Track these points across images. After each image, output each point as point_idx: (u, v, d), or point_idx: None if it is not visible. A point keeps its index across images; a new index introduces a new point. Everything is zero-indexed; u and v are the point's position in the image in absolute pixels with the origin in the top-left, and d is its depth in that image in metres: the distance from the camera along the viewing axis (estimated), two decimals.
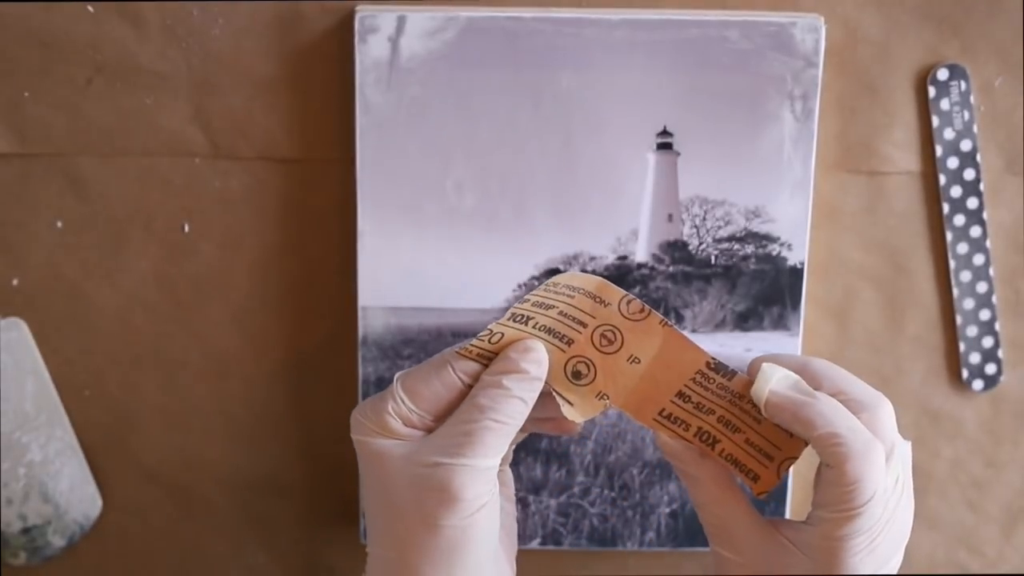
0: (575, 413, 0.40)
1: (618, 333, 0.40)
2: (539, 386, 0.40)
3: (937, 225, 0.54)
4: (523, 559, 0.57)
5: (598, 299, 0.40)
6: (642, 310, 0.40)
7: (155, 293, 0.54)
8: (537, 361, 0.39)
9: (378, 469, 0.40)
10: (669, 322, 0.40)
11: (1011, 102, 0.53)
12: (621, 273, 0.53)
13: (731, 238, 0.53)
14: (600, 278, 0.41)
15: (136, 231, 0.54)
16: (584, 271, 0.53)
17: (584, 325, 0.40)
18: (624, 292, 0.41)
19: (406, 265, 0.53)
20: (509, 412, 0.39)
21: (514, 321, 0.40)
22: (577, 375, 0.40)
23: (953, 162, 0.53)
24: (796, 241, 0.53)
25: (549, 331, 0.40)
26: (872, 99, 0.53)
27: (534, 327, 0.40)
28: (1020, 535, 0.57)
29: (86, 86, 0.52)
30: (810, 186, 0.52)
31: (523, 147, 0.52)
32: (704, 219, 0.53)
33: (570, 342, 0.40)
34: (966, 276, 0.54)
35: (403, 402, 0.40)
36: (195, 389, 0.55)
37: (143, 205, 0.53)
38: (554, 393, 0.40)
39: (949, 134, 0.53)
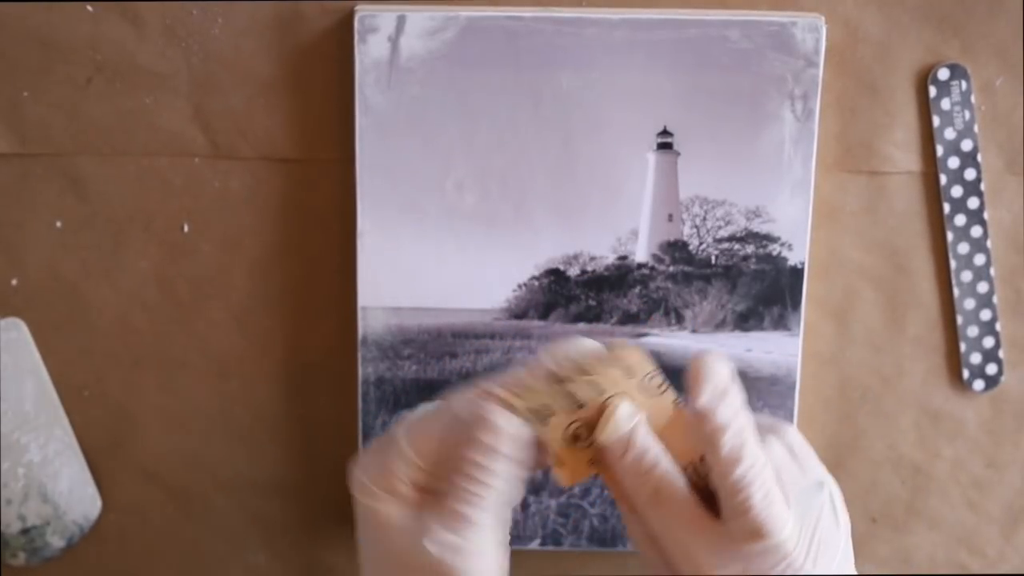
0: (564, 477, 0.39)
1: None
2: (510, 458, 0.39)
3: (938, 225, 0.54)
4: (523, 559, 0.57)
5: (627, 369, 0.39)
6: (660, 386, 0.39)
7: (155, 293, 0.54)
8: (494, 432, 0.38)
9: (386, 541, 0.39)
10: (681, 404, 0.39)
11: (1012, 102, 0.53)
12: (621, 273, 0.53)
13: (731, 238, 0.53)
14: (641, 351, 0.39)
15: (136, 231, 0.54)
16: (584, 272, 0.53)
17: (602, 392, 0.39)
18: (652, 368, 0.39)
19: (406, 265, 0.53)
20: (498, 486, 0.39)
21: (547, 382, 0.39)
22: (575, 438, 0.39)
23: (954, 162, 0.53)
24: (796, 241, 0.53)
25: (569, 395, 0.38)
26: (873, 99, 0.53)
27: (558, 393, 0.38)
28: (1021, 535, 0.57)
29: (86, 86, 0.52)
30: (810, 186, 0.52)
31: (523, 147, 0.52)
32: (704, 219, 0.53)
33: (580, 406, 0.39)
34: (967, 276, 0.54)
35: (413, 462, 0.39)
36: (195, 389, 0.55)
37: (143, 205, 0.53)
38: (549, 453, 0.39)
39: (950, 134, 0.53)
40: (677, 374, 0.54)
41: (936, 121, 0.53)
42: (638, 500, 0.39)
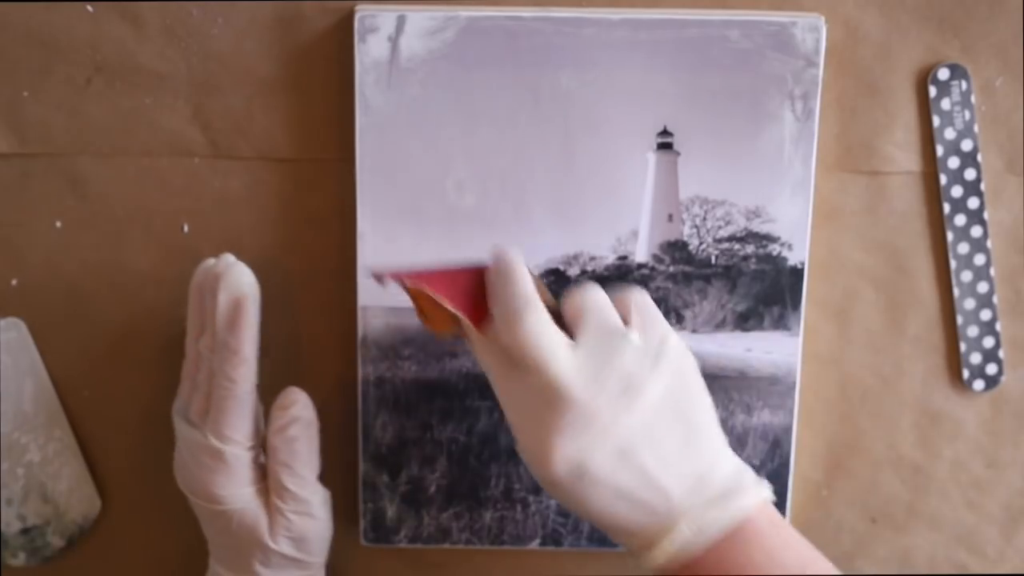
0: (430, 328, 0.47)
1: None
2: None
3: (938, 225, 0.54)
4: (523, 559, 0.57)
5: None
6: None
7: (155, 293, 0.54)
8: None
9: None
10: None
11: (1012, 102, 0.53)
12: (621, 273, 0.53)
13: (731, 238, 0.53)
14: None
15: (136, 231, 0.54)
16: (584, 271, 0.53)
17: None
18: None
19: (406, 265, 0.53)
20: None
21: None
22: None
23: (954, 162, 0.53)
24: (796, 241, 0.53)
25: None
26: (873, 99, 0.53)
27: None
28: (1021, 536, 0.57)
29: (86, 86, 0.52)
30: (811, 186, 0.52)
31: (523, 147, 0.52)
32: (704, 219, 0.53)
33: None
34: (967, 276, 0.54)
35: None
36: None
37: (143, 205, 0.54)
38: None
39: (950, 134, 0.53)
40: None
41: (936, 121, 0.53)
42: (483, 363, 0.45)
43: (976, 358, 0.55)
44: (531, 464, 0.43)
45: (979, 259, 0.54)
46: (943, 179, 0.53)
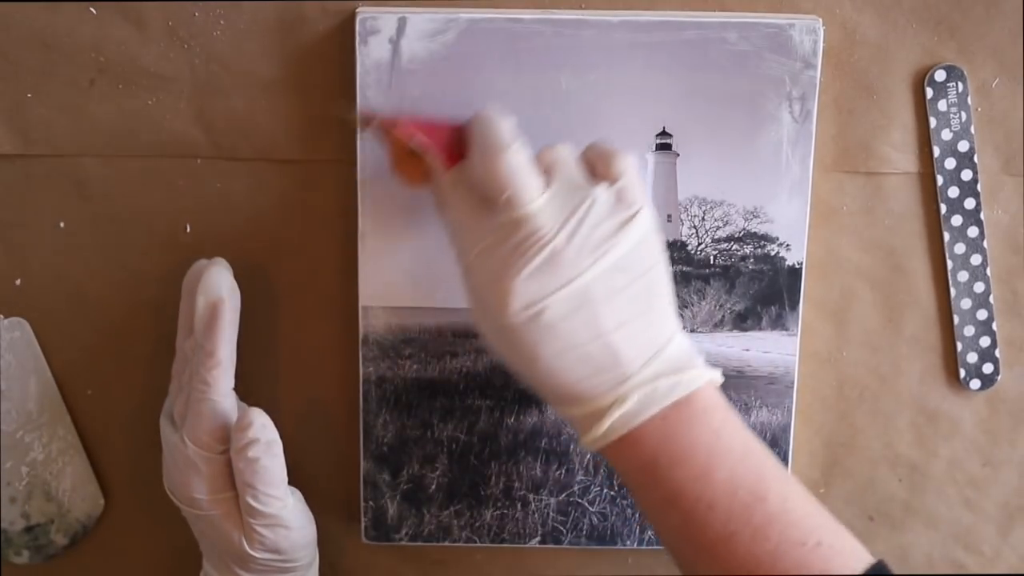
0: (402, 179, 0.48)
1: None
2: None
3: (935, 225, 0.54)
4: (523, 557, 0.58)
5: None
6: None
7: (157, 293, 0.54)
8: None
9: None
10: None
11: (1008, 103, 0.53)
12: None
13: (730, 238, 0.53)
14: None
15: (138, 231, 0.54)
16: None
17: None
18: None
19: (407, 265, 0.53)
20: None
21: None
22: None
23: (951, 163, 0.53)
24: (794, 241, 0.53)
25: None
26: (870, 100, 0.53)
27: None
28: (1017, 534, 0.58)
29: (89, 87, 0.52)
30: (808, 187, 0.53)
31: None
32: (703, 219, 0.53)
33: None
34: (963, 276, 0.55)
35: None
36: None
37: (145, 206, 0.54)
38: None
39: (946, 135, 0.53)
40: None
41: (933, 122, 0.53)
42: (448, 203, 0.45)
43: (973, 357, 0.55)
44: (484, 309, 0.43)
45: (976, 259, 0.54)
46: (940, 180, 0.54)
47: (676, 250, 0.54)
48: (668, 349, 0.43)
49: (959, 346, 0.55)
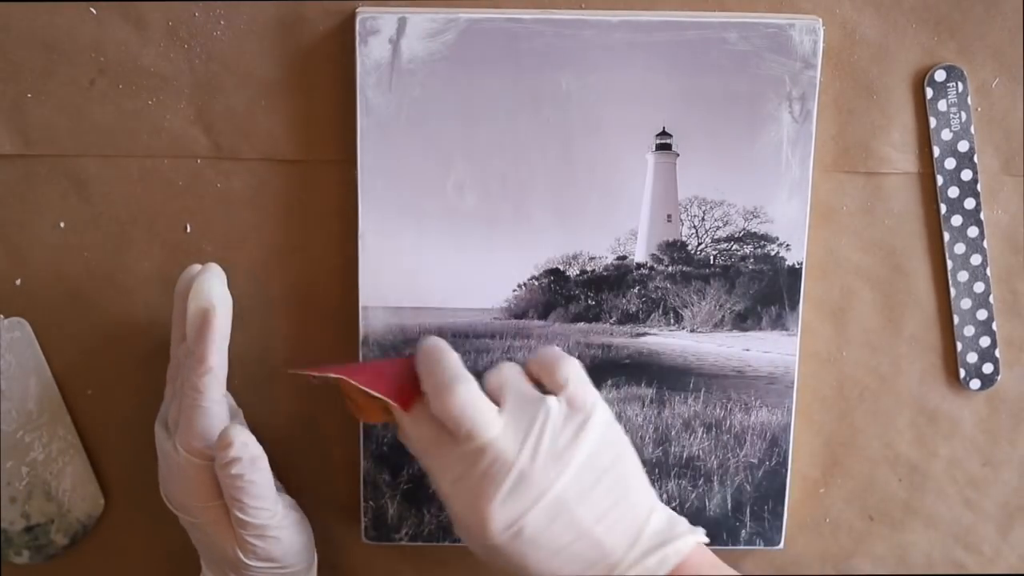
0: (360, 417, 0.49)
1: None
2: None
3: (935, 225, 0.54)
4: None
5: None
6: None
7: (158, 293, 0.54)
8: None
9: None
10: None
11: (1008, 103, 0.53)
12: (620, 273, 0.54)
13: (730, 238, 0.53)
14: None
15: (138, 232, 0.54)
16: (584, 271, 0.53)
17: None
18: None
19: (407, 265, 0.53)
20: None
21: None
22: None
23: (950, 163, 0.53)
24: (794, 241, 0.53)
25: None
26: (870, 100, 0.53)
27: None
28: (1017, 533, 0.58)
29: (89, 87, 0.52)
30: (808, 187, 0.53)
31: (523, 148, 0.52)
32: (703, 219, 0.53)
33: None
34: (963, 276, 0.55)
35: None
36: None
37: (145, 206, 0.54)
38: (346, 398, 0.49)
39: (946, 135, 0.53)
40: (675, 373, 0.55)
41: (933, 122, 0.53)
42: (413, 442, 0.46)
43: (972, 357, 0.55)
44: (468, 532, 0.44)
45: (975, 259, 0.54)
46: (940, 180, 0.54)
47: (676, 250, 0.54)
48: (650, 525, 0.44)
49: (959, 346, 0.55)
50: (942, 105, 0.53)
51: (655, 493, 0.46)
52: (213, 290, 0.48)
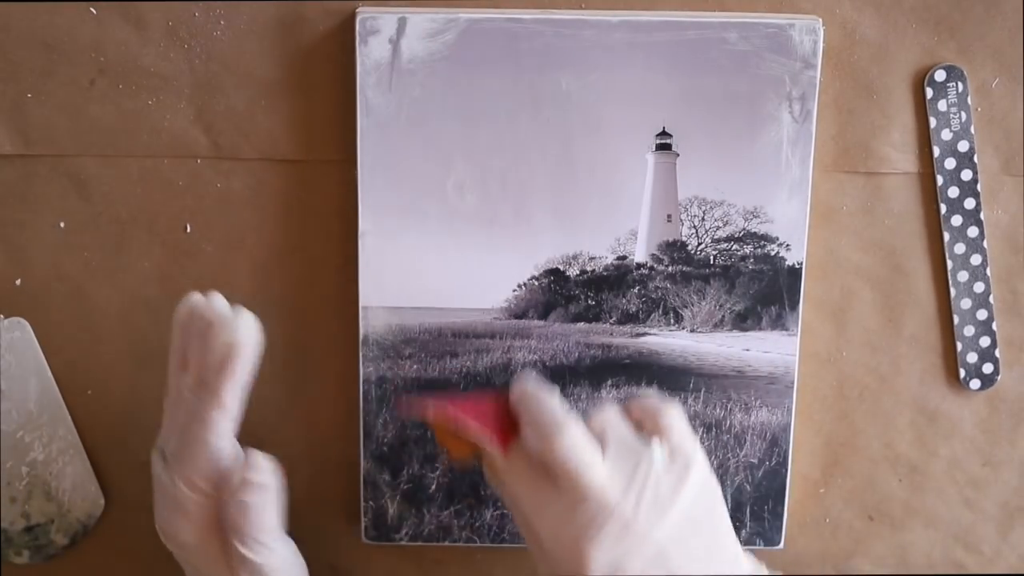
0: (450, 455, 0.49)
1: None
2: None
3: (935, 225, 0.54)
4: (523, 557, 0.58)
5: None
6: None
7: (157, 293, 0.55)
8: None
9: None
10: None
11: (1008, 103, 0.53)
12: (620, 273, 0.54)
13: (730, 238, 0.53)
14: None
15: (138, 231, 0.54)
16: (584, 271, 0.53)
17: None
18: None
19: (407, 265, 0.53)
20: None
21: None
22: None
23: (950, 163, 0.53)
24: (794, 241, 0.53)
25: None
26: (870, 100, 0.53)
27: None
28: (1017, 534, 0.58)
29: (89, 87, 0.52)
30: (808, 187, 0.53)
31: (523, 148, 0.52)
32: (703, 219, 0.53)
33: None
34: (963, 276, 0.55)
35: None
36: None
37: (145, 206, 0.54)
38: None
39: (946, 135, 0.53)
40: (675, 373, 0.55)
41: (933, 122, 0.53)
42: (508, 482, 0.46)
43: (972, 357, 0.55)
44: (560, 567, 0.44)
45: (975, 259, 0.54)
46: (940, 180, 0.54)
47: (676, 250, 0.54)
48: (740, 572, 0.46)
49: (959, 346, 0.55)
50: (942, 105, 0.53)
51: (737, 539, 0.47)
52: (248, 328, 0.46)
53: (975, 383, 0.56)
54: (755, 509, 0.55)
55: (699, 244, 0.54)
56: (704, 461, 0.46)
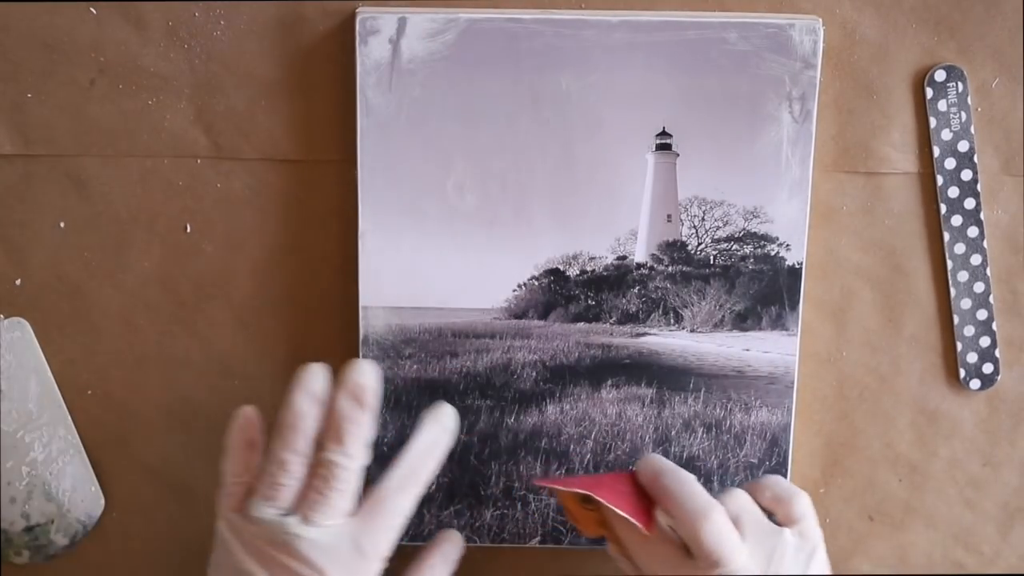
0: (580, 529, 0.51)
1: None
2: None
3: (935, 225, 0.54)
4: (523, 557, 0.58)
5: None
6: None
7: (157, 293, 0.55)
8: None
9: None
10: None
11: (1008, 103, 0.53)
12: (620, 273, 0.54)
13: (730, 238, 0.53)
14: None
15: (139, 231, 0.54)
16: (584, 271, 0.53)
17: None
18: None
19: (407, 265, 0.53)
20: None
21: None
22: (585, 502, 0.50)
23: (950, 163, 0.53)
24: (794, 241, 0.53)
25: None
26: (870, 100, 0.53)
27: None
28: (1017, 533, 0.58)
29: (89, 87, 0.52)
30: (808, 187, 0.53)
31: (523, 148, 0.52)
32: (703, 219, 0.53)
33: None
34: (963, 276, 0.55)
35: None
36: (197, 389, 0.56)
37: (146, 206, 0.54)
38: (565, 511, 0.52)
39: (946, 135, 0.53)
40: (675, 373, 0.55)
41: (933, 122, 0.53)
42: (644, 561, 0.48)
43: (972, 357, 0.55)
44: None
45: (975, 259, 0.54)
46: (940, 180, 0.54)
47: (676, 250, 0.54)
48: None
49: (959, 346, 0.55)
50: (942, 105, 0.53)
51: None
52: (374, 375, 0.47)
53: (975, 383, 0.56)
54: None
55: (699, 244, 0.54)
56: (822, 546, 0.49)
